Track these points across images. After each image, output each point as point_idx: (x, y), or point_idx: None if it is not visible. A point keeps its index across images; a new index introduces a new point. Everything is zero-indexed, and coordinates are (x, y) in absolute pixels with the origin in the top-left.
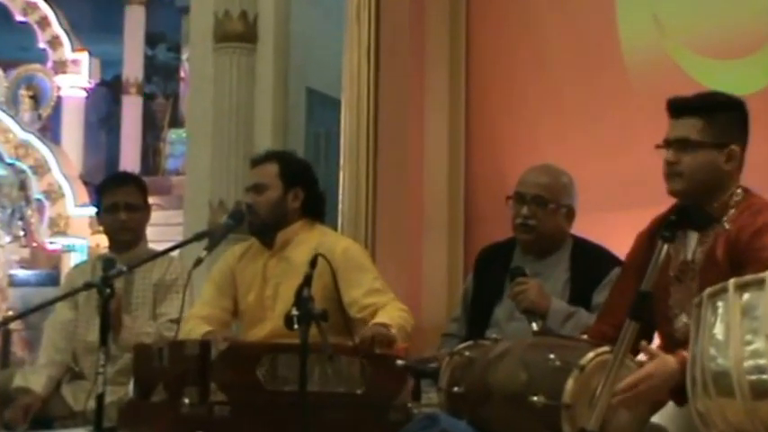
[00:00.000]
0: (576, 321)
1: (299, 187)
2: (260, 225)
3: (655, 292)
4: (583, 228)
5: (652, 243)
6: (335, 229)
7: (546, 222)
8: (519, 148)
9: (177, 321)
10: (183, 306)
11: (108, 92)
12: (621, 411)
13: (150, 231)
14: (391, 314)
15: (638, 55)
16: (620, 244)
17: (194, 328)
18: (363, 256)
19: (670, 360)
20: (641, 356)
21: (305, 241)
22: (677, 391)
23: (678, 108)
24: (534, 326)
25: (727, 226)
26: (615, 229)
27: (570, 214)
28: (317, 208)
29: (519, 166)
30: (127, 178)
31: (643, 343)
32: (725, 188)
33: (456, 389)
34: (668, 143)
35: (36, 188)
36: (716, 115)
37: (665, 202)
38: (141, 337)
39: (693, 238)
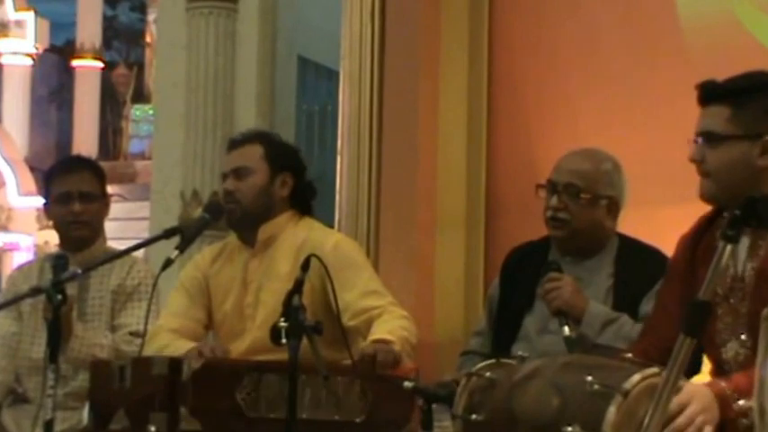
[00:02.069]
0: (618, 330)
1: (288, 172)
2: (241, 216)
3: None
4: (628, 224)
5: (697, 248)
6: (332, 224)
7: (580, 216)
8: (552, 129)
9: (139, 334)
10: (148, 317)
11: (59, 59)
12: None
13: (110, 227)
14: (391, 325)
15: (697, 14)
16: (673, 243)
17: (171, 343)
18: (357, 252)
19: (703, 387)
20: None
21: (290, 237)
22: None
23: (705, 94)
24: (566, 330)
25: None
26: (667, 226)
27: (613, 207)
28: (306, 199)
29: (552, 149)
30: (81, 163)
31: None
32: (766, 188)
33: (474, 416)
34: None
35: None
36: (747, 101)
37: None
38: (94, 350)
39: (743, 249)
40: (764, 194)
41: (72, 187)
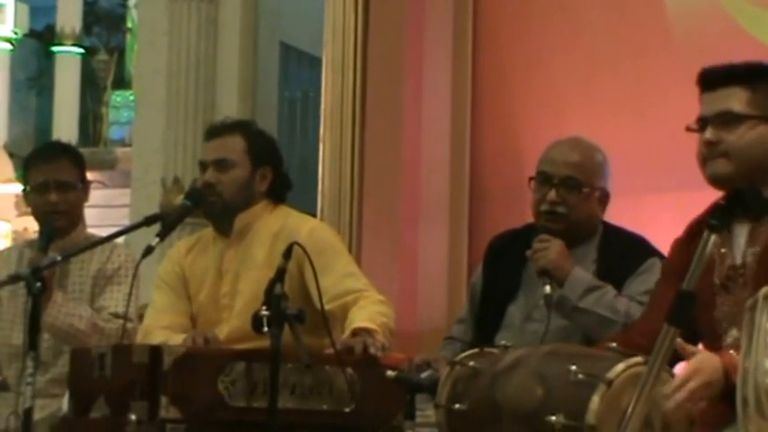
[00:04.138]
0: (600, 297)
1: (268, 166)
2: (221, 209)
3: (697, 304)
4: (615, 213)
5: (689, 247)
6: (314, 212)
7: (578, 209)
8: (536, 117)
9: (119, 316)
10: (130, 300)
11: (38, 45)
12: None
13: (90, 214)
14: (370, 312)
15: (683, 4)
16: (658, 233)
17: (169, 339)
18: (333, 237)
19: (713, 356)
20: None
21: (266, 225)
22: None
23: (716, 78)
24: (547, 288)
25: None
26: (653, 215)
27: (604, 198)
28: (283, 191)
29: (536, 138)
30: (59, 150)
31: (679, 341)
32: None
33: (458, 406)
34: (704, 121)
35: None
36: (761, 84)
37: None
38: (72, 320)
39: (742, 237)
40: (749, 185)
41: (49, 176)
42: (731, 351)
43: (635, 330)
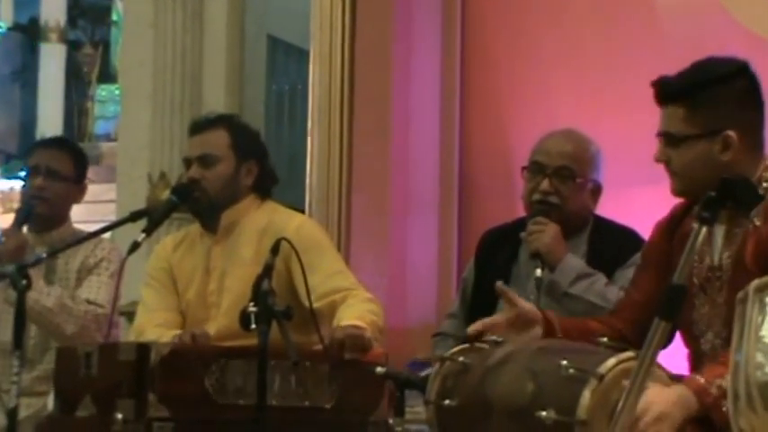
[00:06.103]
0: (591, 284)
1: (253, 160)
2: (207, 205)
3: None
4: (605, 205)
5: (673, 236)
6: (302, 207)
7: (571, 200)
8: (526, 111)
9: (91, 302)
10: (117, 294)
11: (22, 38)
12: None
13: (76, 209)
14: (359, 310)
15: None
16: (648, 225)
17: (162, 336)
18: (320, 234)
19: (663, 390)
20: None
21: (253, 221)
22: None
23: (662, 93)
24: (538, 271)
25: (757, 222)
26: (642, 207)
27: (597, 191)
28: (269, 185)
29: (526, 132)
30: (62, 142)
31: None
32: None
33: (448, 402)
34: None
35: None
36: (698, 98)
37: None
38: (38, 297)
39: (719, 237)
40: (740, 175)
41: (42, 161)
42: (698, 376)
43: (616, 317)
